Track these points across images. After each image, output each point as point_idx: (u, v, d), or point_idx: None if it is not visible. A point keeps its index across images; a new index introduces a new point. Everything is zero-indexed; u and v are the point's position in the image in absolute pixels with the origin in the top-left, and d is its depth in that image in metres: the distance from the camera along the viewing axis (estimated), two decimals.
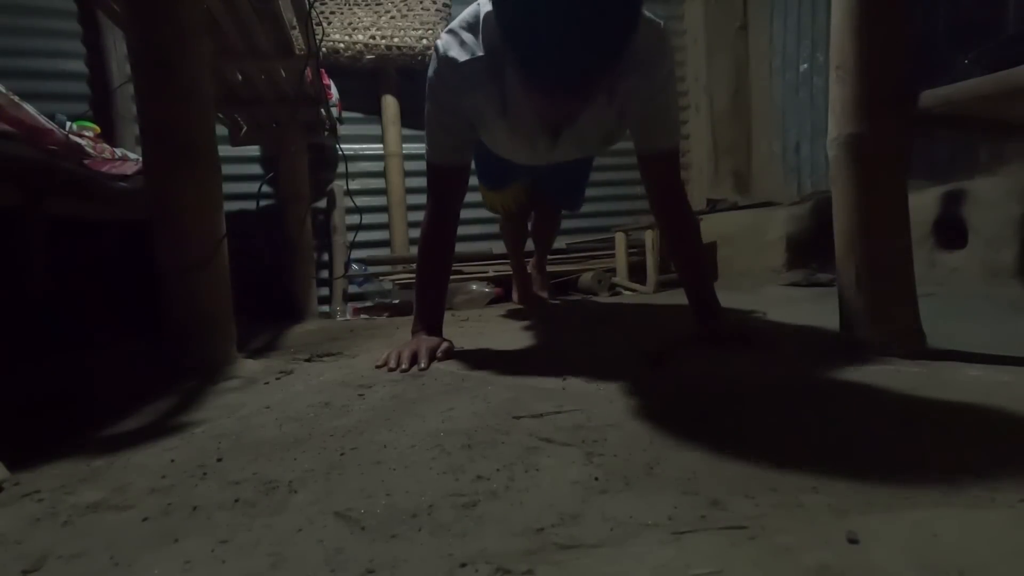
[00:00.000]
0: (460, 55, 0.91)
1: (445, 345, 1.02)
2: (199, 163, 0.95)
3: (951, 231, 1.60)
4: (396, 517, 0.42)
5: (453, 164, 1.05)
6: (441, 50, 0.93)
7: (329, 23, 2.39)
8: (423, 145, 1.08)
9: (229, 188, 1.38)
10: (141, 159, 1.14)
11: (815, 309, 1.36)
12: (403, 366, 0.90)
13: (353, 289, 2.50)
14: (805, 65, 2.52)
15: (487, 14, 0.89)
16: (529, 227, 1.84)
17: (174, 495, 0.48)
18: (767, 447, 0.52)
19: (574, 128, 0.97)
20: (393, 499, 0.45)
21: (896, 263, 0.83)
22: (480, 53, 0.91)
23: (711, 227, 2.36)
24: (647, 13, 0.88)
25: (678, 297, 1.88)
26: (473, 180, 1.19)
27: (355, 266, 2.46)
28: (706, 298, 1.06)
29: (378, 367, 0.93)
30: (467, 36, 0.92)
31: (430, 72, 0.98)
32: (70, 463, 0.57)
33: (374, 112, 2.59)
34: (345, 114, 2.41)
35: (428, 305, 1.06)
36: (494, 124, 1.01)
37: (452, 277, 1.24)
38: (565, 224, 2.16)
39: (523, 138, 1.05)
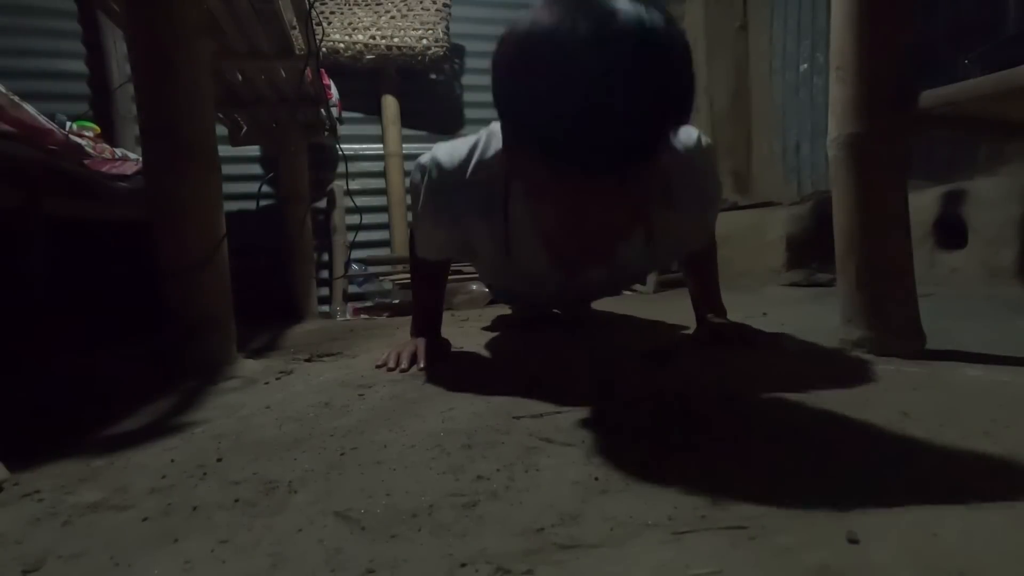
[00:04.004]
0: (460, 159, 0.79)
1: (444, 345, 1.02)
2: (199, 163, 0.95)
3: (951, 231, 1.60)
4: (396, 517, 0.42)
5: (440, 260, 0.97)
6: (431, 156, 0.81)
7: (329, 23, 2.39)
8: (423, 145, 1.06)
9: (229, 188, 1.38)
10: (141, 159, 1.14)
11: (815, 309, 1.36)
12: (402, 366, 0.90)
13: (353, 289, 2.50)
14: (805, 65, 2.52)
15: (479, 150, 0.79)
16: None
17: (174, 495, 0.48)
18: (767, 447, 0.52)
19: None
20: (393, 499, 0.45)
21: (896, 263, 0.83)
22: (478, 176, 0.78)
23: None
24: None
25: (678, 298, 1.87)
26: None
27: (355, 266, 2.46)
28: (711, 301, 1.06)
29: (378, 367, 0.93)
30: (460, 152, 0.80)
31: (420, 177, 0.84)
32: (70, 463, 0.57)
33: (374, 112, 2.59)
34: (345, 114, 2.40)
35: (426, 309, 1.05)
36: (494, 260, 0.87)
37: (452, 277, 1.24)
38: None
39: (530, 279, 0.90)
